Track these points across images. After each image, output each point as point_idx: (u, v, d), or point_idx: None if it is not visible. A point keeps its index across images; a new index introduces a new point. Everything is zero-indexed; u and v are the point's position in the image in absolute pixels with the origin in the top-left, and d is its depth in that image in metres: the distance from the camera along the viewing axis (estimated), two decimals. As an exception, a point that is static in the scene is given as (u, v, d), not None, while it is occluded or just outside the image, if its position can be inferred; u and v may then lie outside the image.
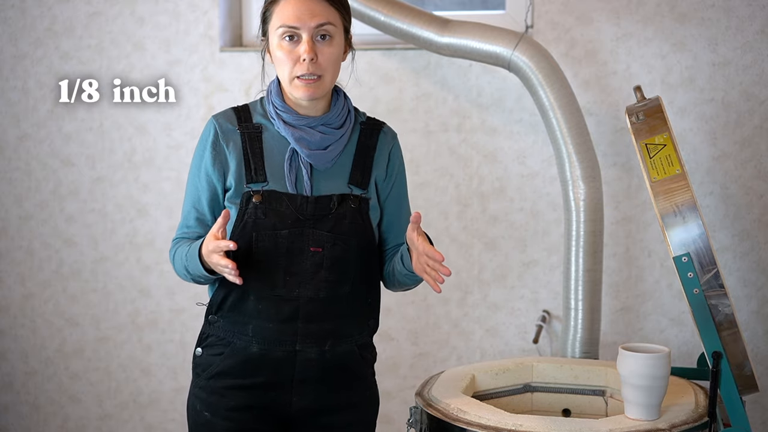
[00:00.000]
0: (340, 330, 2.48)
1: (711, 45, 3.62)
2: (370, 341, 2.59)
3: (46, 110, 4.15)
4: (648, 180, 2.60)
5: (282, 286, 2.42)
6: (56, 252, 4.20)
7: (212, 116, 2.50)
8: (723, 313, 2.53)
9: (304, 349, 2.45)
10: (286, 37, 2.40)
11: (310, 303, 2.43)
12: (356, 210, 2.46)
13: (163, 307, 4.14)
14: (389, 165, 2.55)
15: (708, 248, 2.52)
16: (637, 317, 3.76)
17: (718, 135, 3.63)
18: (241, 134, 2.46)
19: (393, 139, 2.59)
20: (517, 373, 2.97)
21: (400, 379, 3.94)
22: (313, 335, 2.45)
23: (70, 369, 4.25)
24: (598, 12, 3.68)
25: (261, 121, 2.49)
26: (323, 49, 2.41)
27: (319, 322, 2.45)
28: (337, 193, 2.45)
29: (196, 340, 2.56)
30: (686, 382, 2.86)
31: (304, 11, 2.39)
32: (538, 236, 3.81)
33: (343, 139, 2.48)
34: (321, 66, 2.40)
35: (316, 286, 2.43)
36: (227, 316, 2.48)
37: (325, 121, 2.47)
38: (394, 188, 2.56)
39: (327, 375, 2.48)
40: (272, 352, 2.45)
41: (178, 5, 4.01)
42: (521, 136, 3.79)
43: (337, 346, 2.48)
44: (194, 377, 2.55)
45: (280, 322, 2.43)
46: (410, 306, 3.92)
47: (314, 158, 2.44)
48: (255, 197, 2.41)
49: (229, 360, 2.47)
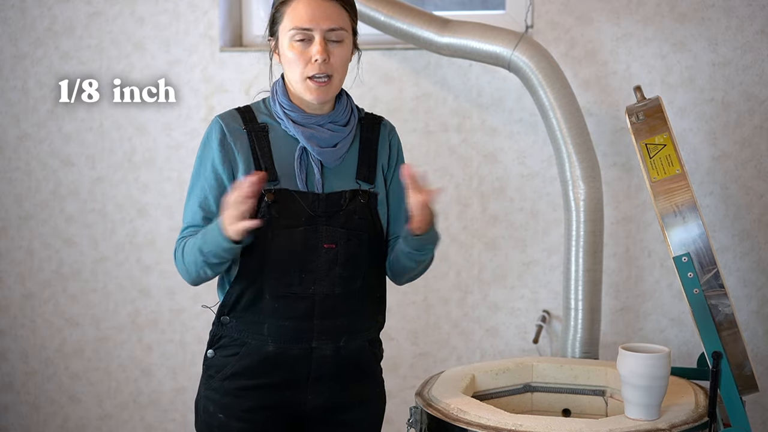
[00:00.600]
0: (353, 325, 2.50)
1: (711, 45, 3.62)
2: (378, 337, 2.62)
3: (46, 110, 4.15)
4: (648, 180, 2.60)
5: (298, 283, 2.43)
6: (56, 252, 4.20)
7: (216, 116, 2.50)
8: (723, 313, 2.53)
9: (320, 345, 2.46)
10: (298, 38, 2.41)
11: (326, 299, 2.44)
12: (365, 205, 2.47)
13: (163, 307, 4.14)
14: (390, 153, 2.58)
15: (708, 248, 2.52)
16: (637, 317, 3.76)
17: (718, 135, 3.63)
18: (248, 133, 2.47)
19: (392, 130, 2.62)
20: (517, 373, 2.97)
21: (400, 379, 3.94)
22: (329, 331, 2.46)
23: (70, 369, 4.24)
24: (598, 12, 3.68)
25: (266, 120, 2.50)
26: (334, 50, 2.43)
27: (334, 318, 2.46)
28: (347, 189, 2.46)
29: (207, 342, 2.55)
30: (686, 382, 2.86)
31: (316, 13, 2.40)
32: (538, 236, 3.81)
33: (350, 136, 2.51)
34: (332, 66, 2.43)
35: (331, 282, 2.44)
36: (241, 316, 2.47)
37: (332, 119, 2.50)
38: (396, 177, 2.57)
39: (341, 372, 2.50)
40: (288, 350, 2.45)
41: (178, 5, 4.01)
42: (521, 136, 3.79)
43: (351, 342, 2.50)
44: (206, 379, 2.54)
45: (296, 320, 2.44)
46: (410, 306, 3.92)
47: (324, 156, 2.46)
48: (267, 196, 2.41)
49: (245, 360, 2.47)
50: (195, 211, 2.48)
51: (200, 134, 3.80)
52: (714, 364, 2.54)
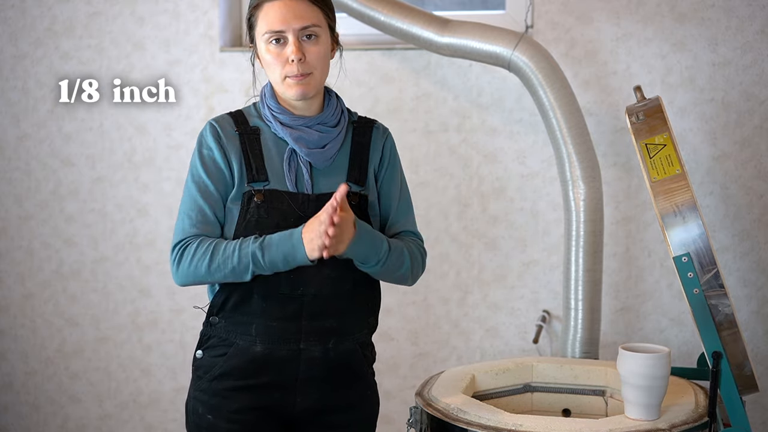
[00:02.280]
0: (342, 327, 2.49)
1: (711, 45, 3.62)
2: (370, 340, 2.61)
3: (46, 110, 4.15)
4: (648, 180, 2.60)
5: (286, 284, 2.43)
6: (56, 252, 4.20)
7: (210, 120, 2.52)
8: (723, 313, 2.53)
9: (308, 347, 2.46)
10: (273, 40, 2.44)
11: (314, 300, 2.44)
12: (356, 206, 2.48)
13: (163, 307, 4.14)
14: (383, 155, 2.58)
15: (708, 248, 2.52)
16: (637, 317, 3.76)
17: (718, 135, 3.64)
18: (240, 136, 2.49)
19: (385, 133, 2.62)
20: (517, 373, 2.97)
21: (400, 379, 3.95)
22: (317, 333, 2.46)
23: (70, 369, 4.25)
24: (598, 12, 3.68)
25: (257, 123, 2.52)
26: (310, 48, 2.44)
27: (322, 319, 2.46)
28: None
29: (197, 343, 2.56)
30: (686, 382, 2.86)
31: (287, 14, 2.42)
32: (538, 236, 3.81)
33: (340, 137, 2.51)
34: (309, 65, 2.44)
35: (319, 283, 2.44)
36: (230, 316, 2.48)
37: (321, 120, 2.50)
38: (386, 175, 2.57)
39: (330, 374, 2.49)
40: (276, 351, 2.45)
41: (178, 5, 4.02)
42: (521, 136, 3.79)
43: (340, 344, 2.49)
44: (195, 380, 2.55)
45: (284, 320, 2.44)
46: (410, 306, 3.92)
47: (313, 157, 2.47)
48: (257, 196, 2.42)
49: (233, 361, 2.47)
50: (202, 206, 2.43)
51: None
52: (714, 364, 2.54)
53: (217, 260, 2.39)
